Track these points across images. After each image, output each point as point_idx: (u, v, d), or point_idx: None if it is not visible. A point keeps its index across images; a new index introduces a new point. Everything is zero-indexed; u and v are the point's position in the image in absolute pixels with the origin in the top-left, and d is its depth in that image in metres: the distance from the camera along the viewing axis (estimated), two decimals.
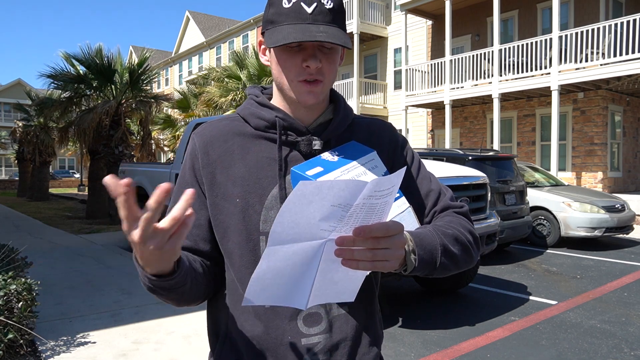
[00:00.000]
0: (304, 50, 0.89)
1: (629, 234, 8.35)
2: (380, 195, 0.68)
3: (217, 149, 0.97)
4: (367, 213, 0.70)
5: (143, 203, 0.60)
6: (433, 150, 8.08)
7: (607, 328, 4.09)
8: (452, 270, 0.92)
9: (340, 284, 0.80)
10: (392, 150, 1.04)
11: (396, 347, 3.67)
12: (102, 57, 11.80)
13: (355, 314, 0.96)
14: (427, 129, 16.90)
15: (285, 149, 0.96)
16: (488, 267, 6.36)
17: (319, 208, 0.67)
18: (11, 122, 34.44)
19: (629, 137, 13.83)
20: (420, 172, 1.06)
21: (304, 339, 0.92)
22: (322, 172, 0.90)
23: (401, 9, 15.37)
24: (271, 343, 0.92)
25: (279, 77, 0.93)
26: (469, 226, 0.99)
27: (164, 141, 19.98)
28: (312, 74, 0.89)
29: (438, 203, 1.03)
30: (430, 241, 0.87)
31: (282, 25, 0.88)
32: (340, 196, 0.66)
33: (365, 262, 0.72)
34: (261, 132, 0.97)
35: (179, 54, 31.75)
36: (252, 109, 0.99)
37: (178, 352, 3.45)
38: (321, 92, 0.93)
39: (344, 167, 0.92)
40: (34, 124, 19.29)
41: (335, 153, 0.95)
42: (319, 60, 0.88)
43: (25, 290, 3.41)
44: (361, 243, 0.71)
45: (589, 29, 11.21)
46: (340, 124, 1.00)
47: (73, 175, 40.08)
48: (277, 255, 0.71)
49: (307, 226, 0.69)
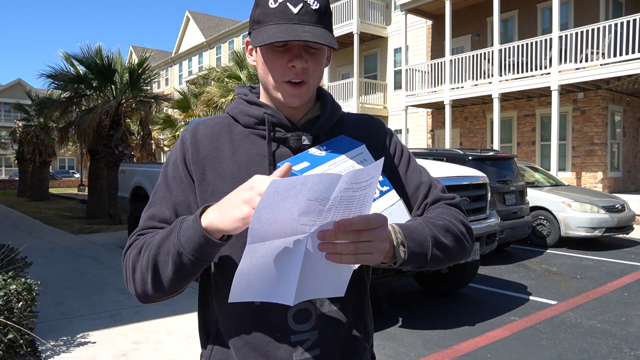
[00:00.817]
0: (290, 50, 0.89)
1: (629, 234, 8.34)
2: (358, 188, 0.68)
3: (206, 146, 0.97)
4: (347, 206, 0.70)
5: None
6: (433, 150, 8.08)
7: (607, 328, 4.09)
8: (445, 262, 0.91)
9: (327, 278, 0.80)
10: (380, 144, 1.04)
11: (396, 347, 3.67)
12: (102, 57, 11.80)
13: (346, 309, 0.96)
14: (427, 129, 16.90)
15: (274, 145, 0.97)
16: (488, 267, 6.36)
17: (295, 203, 0.67)
18: (11, 122, 34.45)
19: (629, 137, 13.83)
20: (410, 165, 1.06)
21: (293, 335, 0.92)
22: (309, 167, 0.90)
23: (401, 9, 15.37)
24: (261, 340, 0.92)
25: (264, 77, 0.94)
26: (461, 217, 0.98)
27: (164, 141, 19.98)
28: (298, 74, 0.90)
29: (429, 195, 1.02)
30: (420, 233, 0.86)
31: (268, 25, 0.89)
32: (315, 190, 0.66)
33: (349, 256, 0.72)
34: (250, 129, 0.98)
35: (179, 54, 31.75)
36: (241, 107, 1.00)
37: (178, 352, 3.45)
38: (306, 94, 0.93)
39: (331, 161, 0.92)
40: (34, 124, 19.29)
41: (323, 147, 0.96)
42: (304, 60, 0.89)
43: (25, 290, 3.41)
44: (343, 236, 0.71)
45: (589, 29, 11.21)
46: (329, 120, 1.01)
47: (73, 175, 40.07)
48: (259, 251, 0.71)
49: (287, 221, 0.69)
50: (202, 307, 1.02)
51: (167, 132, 18.32)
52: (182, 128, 16.67)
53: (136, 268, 0.86)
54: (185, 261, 0.79)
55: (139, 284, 0.85)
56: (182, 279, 0.83)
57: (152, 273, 0.83)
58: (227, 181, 0.94)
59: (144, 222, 0.96)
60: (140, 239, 0.90)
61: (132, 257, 0.88)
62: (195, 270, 0.82)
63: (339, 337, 0.95)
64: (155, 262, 0.82)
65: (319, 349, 0.93)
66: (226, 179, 0.94)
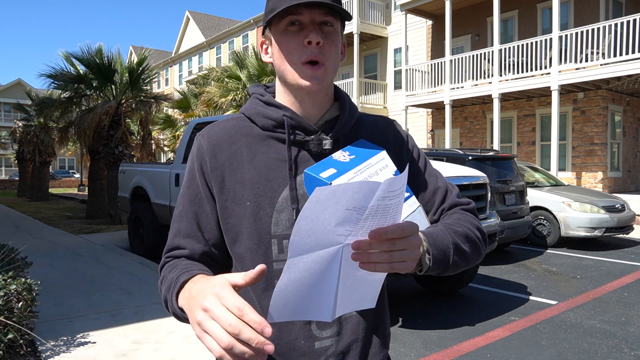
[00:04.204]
0: (305, 29, 0.88)
1: (629, 234, 8.35)
2: (394, 196, 0.67)
3: (224, 152, 0.95)
4: (382, 215, 0.69)
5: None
6: (433, 150, 8.08)
7: (607, 328, 4.09)
8: (463, 267, 0.93)
9: (360, 290, 0.79)
10: (398, 148, 1.03)
11: (396, 347, 3.67)
12: (102, 57, 11.79)
13: (366, 315, 0.96)
14: (427, 129, 16.90)
15: (294, 149, 0.94)
16: (488, 267, 6.36)
17: (333, 213, 0.65)
18: (11, 122, 34.46)
19: (629, 137, 13.83)
20: (426, 169, 1.05)
21: (317, 342, 0.91)
22: (336, 174, 0.87)
23: (401, 9, 15.37)
24: (284, 347, 0.91)
25: (281, 65, 0.92)
26: (477, 223, 0.99)
27: (164, 141, 19.97)
28: (315, 52, 0.88)
29: (445, 200, 1.03)
30: (443, 240, 0.87)
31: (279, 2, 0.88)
32: (354, 199, 0.65)
33: (383, 264, 0.72)
34: (269, 132, 0.96)
35: (179, 54, 31.74)
36: (258, 108, 0.97)
37: (178, 352, 3.44)
38: (324, 77, 0.91)
39: (356, 167, 0.90)
40: (34, 124, 19.29)
41: (347, 153, 0.93)
42: (319, 36, 0.87)
43: (25, 290, 3.41)
44: (377, 246, 0.70)
45: (589, 29, 11.20)
46: (348, 122, 0.99)
47: (73, 175, 40.07)
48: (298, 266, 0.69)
49: (324, 233, 0.67)
50: None
51: (167, 132, 18.32)
52: (182, 128, 16.67)
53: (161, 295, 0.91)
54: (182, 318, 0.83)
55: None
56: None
57: (166, 307, 0.88)
58: (247, 187, 0.92)
59: (170, 240, 0.98)
60: (165, 267, 0.94)
61: (159, 284, 0.92)
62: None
63: (360, 342, 0.95)
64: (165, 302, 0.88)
65: (341, 355, 0.93)
66: (246, 185, 0.92)
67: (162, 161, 22.18)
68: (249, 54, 13.71)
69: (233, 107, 12.45)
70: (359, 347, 0.94)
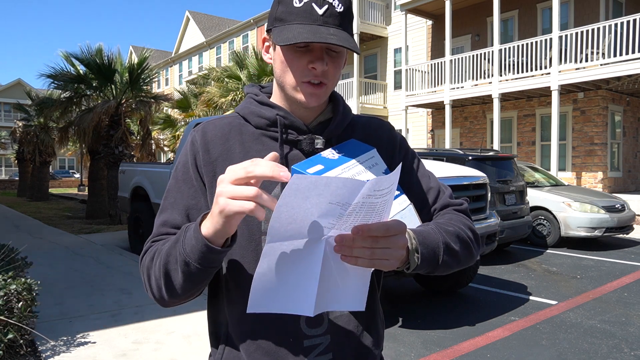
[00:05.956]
0: (311, 52, 0.88)
1: (629, 234, 8.35)
2: (381, 195, 0.68)
3: (217, 148, 0.95)
4: (367, 212, 0.69)
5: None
6: (433, 150, 8.08)
7: (607, 328, 4.09)
8: (454, 267, 0.93)
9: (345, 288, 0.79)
10: (391, 149, 1.04)
11: (396, 347, 3.67)
12: (102, 57, 11.80)
13: (357, 314, 0.96)
14: (427, 129, 16.90)
15: (286, 148, 0.96)
16: (488, 267, 6.36)
17: (316, 204, 0.66)
18: (11, 122, 34.46)
19: (629, 137, 13.83)
20: (419, 169, 1.06)
21: (306, 340, 0.91)
22: (323, 170, 0.89)
23: (401, 9, 15.37)
24: (273, 345, 0.91)
25: (282, 75, 0.92)
26: (469, 223, 0.99)
27: (164, 141, 19.97)
28: (318, 76, 0.89)
29: (438, 201, 1.03)
30: (433, 239, 0.87)
31: (292, 24, 0.87)
32: (338, 194, 0.66)
33: (364, 260, 0.73)
34: (262, 130, 0.97)
35: (179, 54, 31.75)
36: (252, 108, 0.99)
37: (178, 352, 3.45)
38: (324, 95, 0.92)
39: (344, 164, 0.91)
40: (34, 124, 19.30)
41: (336, 151, 0.95)
42: (325, 63, 0.88)
43: (25, 290, 3.41)
44: (360, 242, 0.71)
45: (589, 29, 11.21)
46: (341, 123, 1.00)
47: (73, 175, 40.08)
48: (277, 253, 0.70)
49: (305, 222, 0.68)
50: (212, 309, 1.01)
51: (167, 132, 18.33)
52: (182, 128, 16.67)
53: (151, 275, 0.87)
54: (193, 269, 0.79)
55: (155, 290, 0.87)
56: (194, 284, 0.83)
57: (164, 280, 0.84)
58: None
59: (157, 229, 0.95)
60: (153, 246, 0.91)
61: (147, 264, 0.89)
62: (204, 276, 0.82)
63: (350, 341, 0.95)
64: (166, 270, 0.83)
65: (331, 354, 0.92)
66: None
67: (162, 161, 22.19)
68: (249, 54, 13.71)
69: (233, 107, 12.45)
70: (350, 347, 0.94)
